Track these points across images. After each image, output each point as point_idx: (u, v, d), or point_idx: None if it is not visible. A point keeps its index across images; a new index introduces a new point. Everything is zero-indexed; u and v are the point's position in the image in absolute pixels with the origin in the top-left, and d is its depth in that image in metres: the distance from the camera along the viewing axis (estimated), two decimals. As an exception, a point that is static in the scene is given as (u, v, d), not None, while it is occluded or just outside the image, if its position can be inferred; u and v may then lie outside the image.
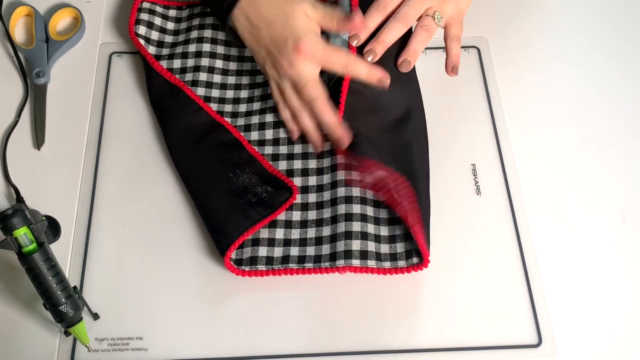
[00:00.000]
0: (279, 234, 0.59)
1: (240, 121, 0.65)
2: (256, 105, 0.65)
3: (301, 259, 0.58)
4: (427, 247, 0.57)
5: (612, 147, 0.67)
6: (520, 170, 0.65)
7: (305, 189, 0.61)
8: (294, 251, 0.58)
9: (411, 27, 0.63)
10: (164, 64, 0.67)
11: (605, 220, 0.63)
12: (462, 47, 0.72)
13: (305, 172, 0.62)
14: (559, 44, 0.74)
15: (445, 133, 0.66)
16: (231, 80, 0.67)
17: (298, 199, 0.61)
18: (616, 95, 0.71)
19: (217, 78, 0.67)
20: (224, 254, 0.56)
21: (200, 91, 0.65)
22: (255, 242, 0.58)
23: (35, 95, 0.67)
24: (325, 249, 0.58)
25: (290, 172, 0.62)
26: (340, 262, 0.57)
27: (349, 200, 0.59)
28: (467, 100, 0.69)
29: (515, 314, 0.58)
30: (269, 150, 0.63)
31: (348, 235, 0.57)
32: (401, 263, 0.58)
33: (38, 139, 0.64)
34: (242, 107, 0.66)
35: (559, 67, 0.73)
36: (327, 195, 0.60)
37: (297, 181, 0.62)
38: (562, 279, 0.60)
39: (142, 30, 0.68)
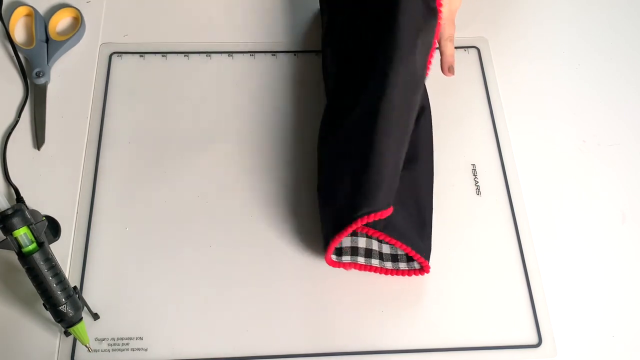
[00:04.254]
0: None
1: None
2: None
3: None
4: (429, 252, 0.57)
5: (612, 147, 0.67)
6: (520, 170, 0.65)
7: None
8: None
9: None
10: None
11: (605, 220, 0.63)
12: (462, 47, 0.72)
13: None
14: (559, 44, 0.74)
15: (445, 133, 0.66)
16: None
17: None
18: (616, 95, 0.71)
19: None
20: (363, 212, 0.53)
21: None
22: None
23: (35, 95, 0.67)
24: None
25: None
26: (347, 258, 0.57)
27: None
28: (467, 100, 0.69)
29: (515, 314, 0.58)
30: None
31: (354, 232, 0.57)
32: (402, 265, 0.58)
33: (38, 139, 0.64)
34: None
35: (559, 67, 0.73)
36: None
37: None
38: (562, 279, 0.60)
39: None
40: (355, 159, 0.55)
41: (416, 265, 0.57)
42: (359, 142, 0.56)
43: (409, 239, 0.55)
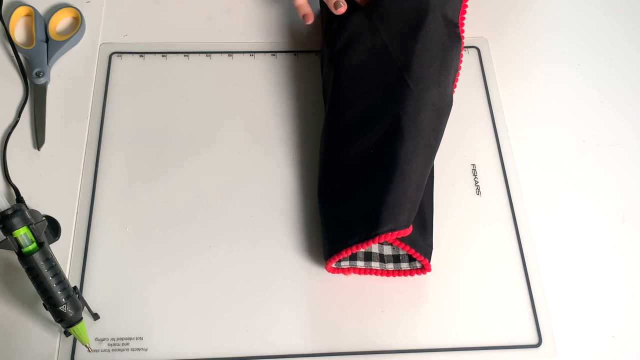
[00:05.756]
0: None
1: None
2: None
3: None
4: (430, 251, 0.57)
5: (612, 147, 0.67)
6: (520, 170, 0.65)
7: None
8: None
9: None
10: None
11: (605, 220, 0.63)
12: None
13: None
14: (558, 44, 0.74)
15: (445, 133, 0.66)
16: None
17: None
18: (616, 95, 0.71)
19: None
20: (382, 225, 0.53)
21: None
22: None
23: (35, 95, 0.67)
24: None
25: None
26: (345, 264, 0.57)
27: None
28: (467, 100, 0.69)
29: (515, 314, 0.58)
30: None
31: None
32: (404, 265, 0.58)
33: (38, 139, 0.64)
34: None
35: (559, 67, 0.73)
36: None
37: None
38: (562, 279, 0.60)
39: None
40: (378, 176, 0.55)
41: (418, 265, 0.57)
42: (383, 160, 0.56)
43: (411, 239, 0.55)
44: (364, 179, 0.56)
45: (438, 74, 0.59)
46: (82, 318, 0.52)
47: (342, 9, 0.63)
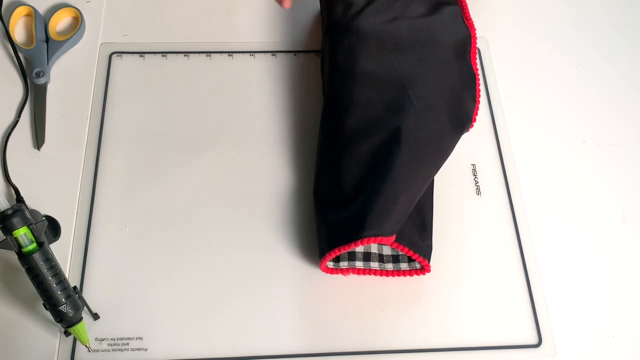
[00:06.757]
0: None
1: None
2: None
3: None
4: (430, 252, 0.57)
5: (612, 147, 0.67)
6: (520, 170, 0.65)
7: None
8: None
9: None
10: None
11: (605, 220, 0.63)
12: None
13: None
14: (558, 44, 0.74)
15: (445, 133, 0.66)
16: None
17: None
18: (616, 95, 0.71)
19: None
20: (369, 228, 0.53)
21: None
22: None
23: (35, 95, 0.67)
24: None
25: None
26: (344, 264, 0.57)
27: None
28: (467, 100, 0.69)
29: (515, 314, 0.58)
30: None
31: None
32: (403, 266, 0.58)
33: (38, 139, 0.64)
34: None
35: (559, 67, 0.73)
36: None
37: None
38: (562, 279, 0.60)
39: None
40: (370, 182, 0.55)
41: (417, 265, 0.57)
42: (378, 167, 0.56)
43: (409, 240, 0.55)
44: (356, 184, 0.56)
45: (445, 99, 0.59)
46: (82, 318, 0.52)
47: (287, 3, 0.64)
